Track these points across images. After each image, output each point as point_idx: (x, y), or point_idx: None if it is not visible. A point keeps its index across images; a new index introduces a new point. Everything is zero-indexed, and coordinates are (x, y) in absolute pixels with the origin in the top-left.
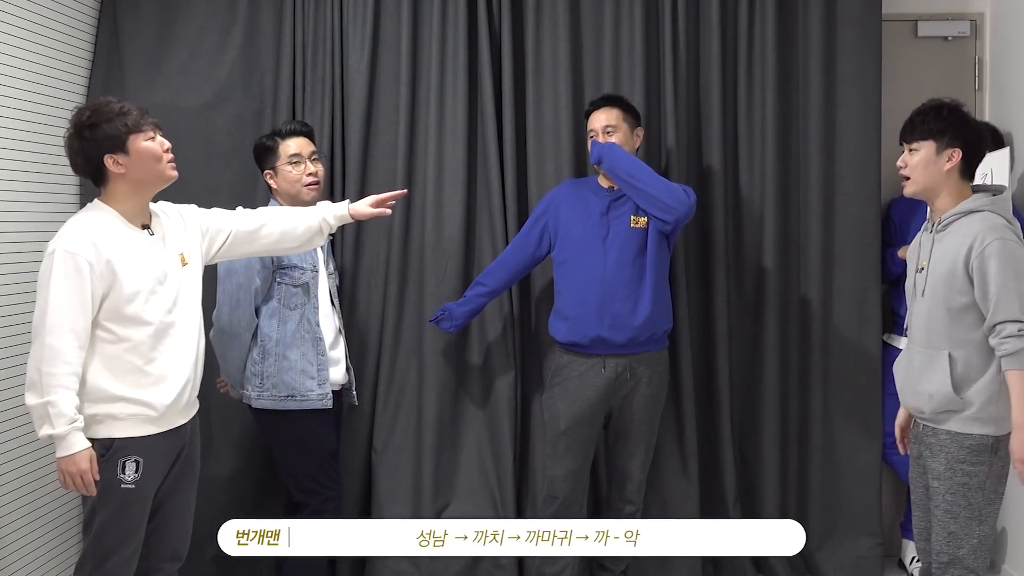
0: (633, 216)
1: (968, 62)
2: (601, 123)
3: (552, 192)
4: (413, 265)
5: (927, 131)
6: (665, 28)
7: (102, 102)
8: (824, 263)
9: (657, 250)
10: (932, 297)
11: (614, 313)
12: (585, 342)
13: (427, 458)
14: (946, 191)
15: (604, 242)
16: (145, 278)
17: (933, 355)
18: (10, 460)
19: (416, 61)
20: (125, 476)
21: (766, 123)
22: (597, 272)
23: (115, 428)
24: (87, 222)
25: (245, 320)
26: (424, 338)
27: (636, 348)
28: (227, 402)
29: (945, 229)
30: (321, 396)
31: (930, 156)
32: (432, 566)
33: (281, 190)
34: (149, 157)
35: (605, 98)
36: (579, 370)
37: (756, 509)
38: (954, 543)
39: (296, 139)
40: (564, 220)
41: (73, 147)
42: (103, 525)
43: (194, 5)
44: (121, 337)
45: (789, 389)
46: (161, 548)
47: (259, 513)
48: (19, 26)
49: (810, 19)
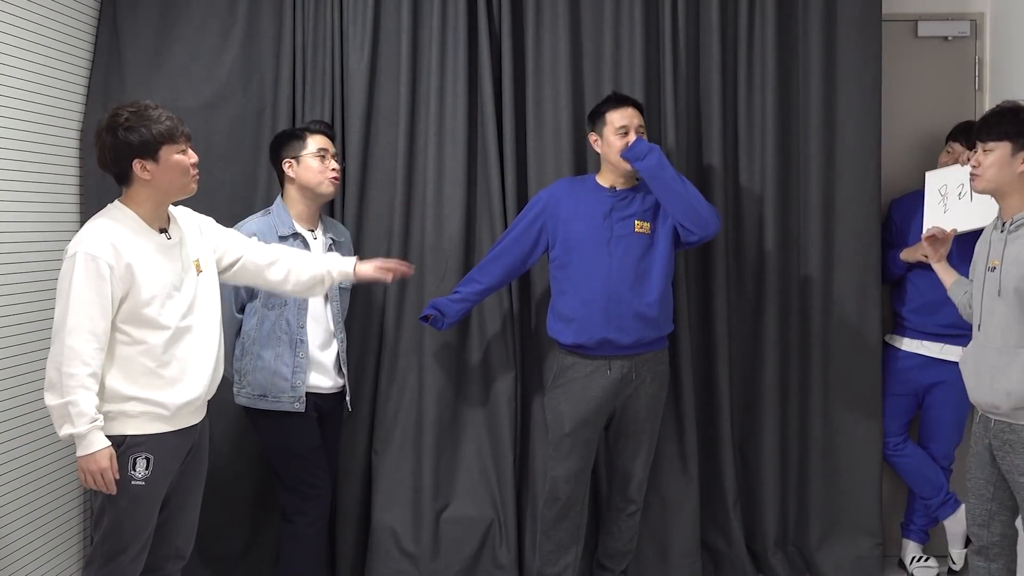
0: (638, 221)
1: (968, 62)
2: (636, 122)
3: (548, 191)
4: (413, 265)
5: (1003, 132)
6: (665, 28)
7: (142, 105)
8: (824, 263)
9: (667, 255)
10: (1008, 296)
11: (620, 315)
12: (591, 344)
13: (427, 458)
14: (1017, 192)
15: (608, 244)
16: (162, 282)
17: (1011, 353)
18: (10, 460)
19: (416, 61)
20: (136, 473)
21: (766, 123)
22: (602, 274)
23: (127, 425)
24: (107, 225)
25: (225, 316)
26: (424, 338)
27: (641, 349)
28: (227, 402)
29: (1018, 230)
30: (293, 399)
31: (1005, 157)
32: (432, 566)
33: (300, 179)
34: (178, 169)
35: (631, 99)
36: (584, 371)
37: (756, 509)
38: None
39: (323, 136)
40: (564, 221)
41: (105, 143)
42: (113, 522)
43: (194, 5)
44: (136, 339)
45: (789, 389)
46: (165, 546)
47: (259, 513)
48: (19, 26)
49: (810, 19)
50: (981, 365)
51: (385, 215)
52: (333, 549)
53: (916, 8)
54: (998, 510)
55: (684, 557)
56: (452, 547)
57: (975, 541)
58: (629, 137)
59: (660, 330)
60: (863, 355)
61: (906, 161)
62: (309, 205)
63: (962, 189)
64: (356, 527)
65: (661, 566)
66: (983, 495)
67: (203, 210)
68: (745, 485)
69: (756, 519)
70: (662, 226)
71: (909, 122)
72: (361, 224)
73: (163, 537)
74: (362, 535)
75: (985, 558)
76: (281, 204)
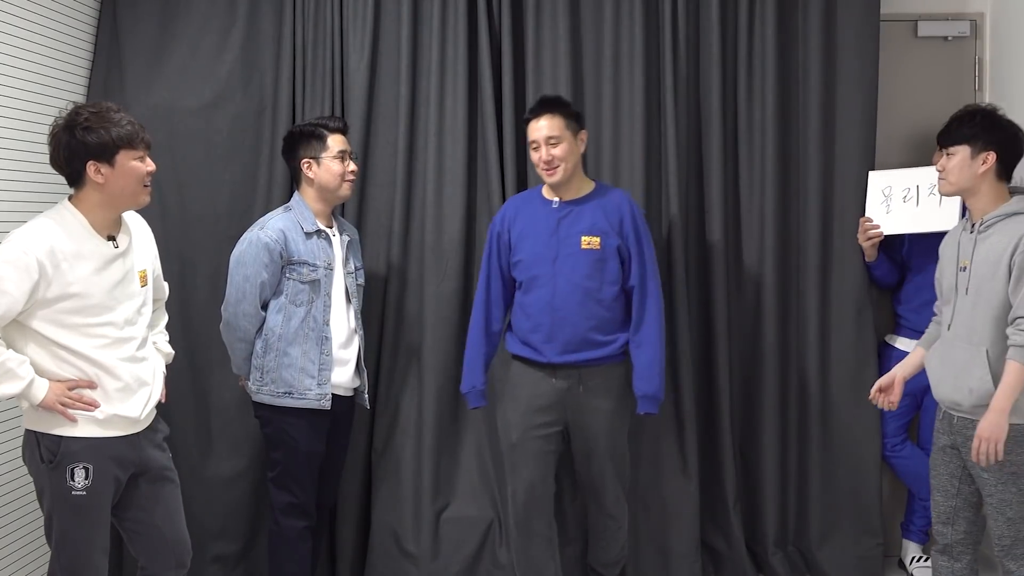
0: (585, 237)
1: (968, 62)
2: (543, 134)
3: (499, 215)
4: (413, 265)
5: (963, 136)
6: (665, 28)
7: (103, 107)
8: (823, 263)
9: (618, 271)
10: (976, 296)
11: (566, 339)
12: (536, 357)
13: (427, 458)
14: (983, 192)
15: (554, 263)
16: (101, 291)
17: (974, 351)
18: (9, 461)
19: (416, 61)
20: (75, 483)
21: (766, 123)
22: (547, 295)
23: (63, 424)
24: (50, 226)
25: (249, 313)
26: (424, 338)
27: (589, 363)
28: (227, 402)
29: (987, 230)
30: (319, 396)
31: (965, 160)
32: (432, 566)
33: (320, 181)
34: (132, 176)
35: (544, 103)
36: (530, 379)
37: (756, 509)
38: (1013, 527)
39: (342, 136)
40: (515, 241)
41: (60, 141)
42: (62, 533)
43: (194, 5)
44: (74, 351)
45: (789, 389)
46: (164, 557)
47: (259, 513)
48: (19, 26)
49: (810, 19)
50: (946, 362)
51: (385, 215)
52: (333, 549)
53: (916, 8)
54: (962, 507)
55: (684, 557)
56: (452, 547)
57: (939, 539)
58: (541, 152)
59: (608, 349)
60: (862, 355)
61: (906, 161)
62: (325, 205)
63: (907, 193)
64: (356, 527)
65: (661, 566)
66: (947, 492)
67: (203, 210)
68: (745, 485)
69: (756, 519)
70: (613, 242)
71: (909, 122)
72: (361, 224)
73: (157, 549)
74: (362, 535)
75: (949, 557)
76: (302, 201)
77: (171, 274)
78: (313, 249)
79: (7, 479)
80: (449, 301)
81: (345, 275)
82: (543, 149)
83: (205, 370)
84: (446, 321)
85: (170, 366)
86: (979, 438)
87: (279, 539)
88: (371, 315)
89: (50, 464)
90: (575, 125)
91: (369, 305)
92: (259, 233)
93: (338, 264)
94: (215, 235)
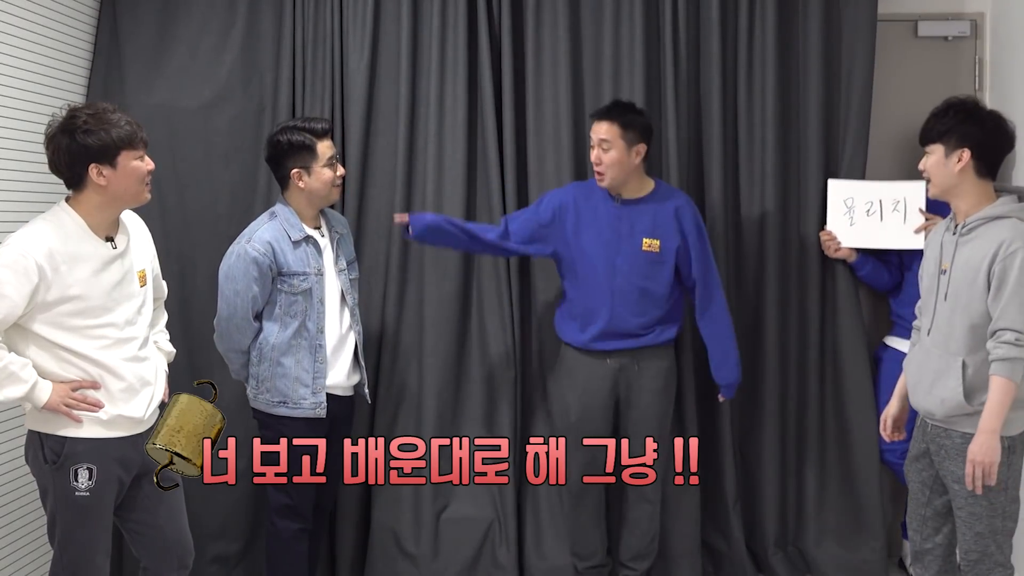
0: (646, 239)
1: (968, 62)
2: (598, 137)
3: (567, 195)
4: (413, 265)
5: (936, 134)
6: (665, 28)
7: (100, 108)
8: (823, 263)
9: (670, 272)
10: (954, 302)
11: (621, 334)
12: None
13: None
14: (965, 192)
15: (614, 261)
16: (101, 293)
17: (949, 360)
18: (8, 461)
19: (416, 61)
20: (79, 484)
21: (766, 123)
22: (606, 293)
23: (67, 425)
24: (47, 230)
25: (242, 326)
26: (424, 338)
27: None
28: (227, 403)
29: (970, 233)
30: (314, 405)
31: (940, 159)
32: (432, 566)
33: (312, 191)
34: (134, 176)
35: (610, 107)
36: (586, 362)
37: (756, 509)
38: (981, 542)
39: (329, 141)
40: (572, 230)
41: (59, 145)
42: (65, 535)
43: (194, 5)
44: (77, 352)
45: (789, 389)
46: (164, 558)
47: (259, 514)
48: (19, 26)
49: (809, 19)
50: (923, 369)
51: (385, 215)
52: (333, 549)
53: (916, 8)
54: (931, 516)
55: (684, 557)
56: (452, 547)
57: (912, 547)
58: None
59: (660, 337)
60: (862, 355)
61: (906, 161)
62: (314, 208)
63: (871, 207)
64: (356, 527)
65: (661, 566)
66: (918, 500)
67: (203, 210)
68: (745, 485)
69: (756, 519)
70: (672, 244)
71: (908, 122)
72: (361, 224)
73: (160, 549)
74: (362, 535)
75: (921, 565)
76: (288, 208)
77: (171, 274)
78: (302, 257)
79: (8, 479)
80: (449, 301)
81: (337, 274)
82: (596, 151)
83: (205, 370)
84: (446, 321)
85: (170, 365)
86: (971, 462)
87: (275, 540)
88: (371, 315)
89: (54, 465)
90: (632, 136)
91: (369, 305)
92: (246, 247)
93: (329, 267)
94: (215, 235)
